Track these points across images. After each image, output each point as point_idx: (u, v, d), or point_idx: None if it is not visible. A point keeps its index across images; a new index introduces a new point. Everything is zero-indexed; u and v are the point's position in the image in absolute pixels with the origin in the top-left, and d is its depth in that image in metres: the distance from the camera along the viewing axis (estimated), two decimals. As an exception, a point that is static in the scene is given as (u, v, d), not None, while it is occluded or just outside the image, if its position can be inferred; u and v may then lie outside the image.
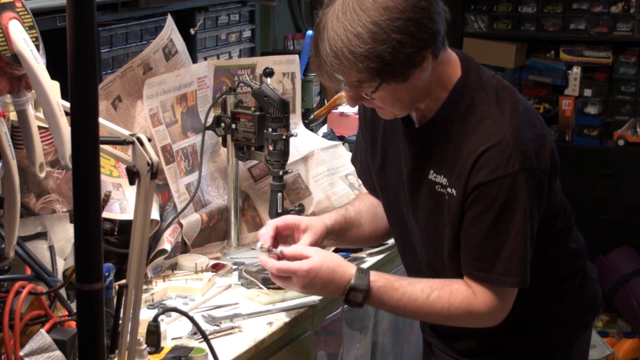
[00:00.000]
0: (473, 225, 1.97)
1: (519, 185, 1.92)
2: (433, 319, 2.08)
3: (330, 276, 2.04)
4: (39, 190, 2.14)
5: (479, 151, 1.93)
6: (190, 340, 2.09)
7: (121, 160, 1.60)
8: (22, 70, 1.51)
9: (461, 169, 1.96)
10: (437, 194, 2.02)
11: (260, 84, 2.60)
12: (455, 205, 1.98)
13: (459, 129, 1.98)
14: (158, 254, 2.42)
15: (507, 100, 1.99)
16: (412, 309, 2.04)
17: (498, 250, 1.96)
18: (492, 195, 1.93)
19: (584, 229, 2.26)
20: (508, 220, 1.94)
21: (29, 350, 1.69)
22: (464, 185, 1.96)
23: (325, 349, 2.61)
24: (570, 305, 2.18)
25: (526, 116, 1.99)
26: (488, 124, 1.95)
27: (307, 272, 2.04)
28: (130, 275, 1.58)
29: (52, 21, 2.32)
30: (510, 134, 1.93)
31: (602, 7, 4.65)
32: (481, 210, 1.95)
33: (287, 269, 2.05)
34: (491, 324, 2.04)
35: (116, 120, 2.50)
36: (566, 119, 4.74)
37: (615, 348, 4.43)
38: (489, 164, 1.92)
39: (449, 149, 1.99)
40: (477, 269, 1.99)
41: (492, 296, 1.99)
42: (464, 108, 1.99)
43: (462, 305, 2.00)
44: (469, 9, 4.87)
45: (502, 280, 1.98)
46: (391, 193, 2.18)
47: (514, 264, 1.95)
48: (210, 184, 2.77)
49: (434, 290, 2.02)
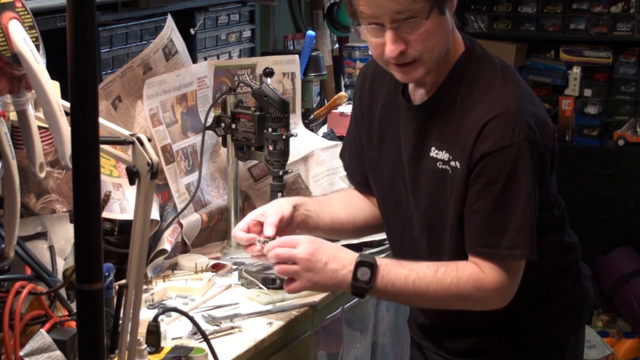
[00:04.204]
0: (479, 199, 1.94)
1: (524, 155, 1.91)
2: (442, 298, 2.00)
3: (335, 251, 2.01)
4: (39, 190, 2.14)
5: (484, 120, 1.92)
6: (190, 340, 2.09)
7: (121, 160, 1.60)
8: (22, 70, 1.51)
9: (465, 140, 1.94)
10: (439, 171, 2.00)
11: (260, 84, 2.61)
12: (459, 179, 1.96)
13: (462, 102, 1.98)
14: (158, 254, 2.42)
15: (510, 76, 2.01)
16: (420, 286, 1.98)
17: (505, 224, 1.93)
18: (498, 166, 1.92)
19: (584, 229, 2.26)
20: (515, 191, 1.92)
21: (29, 350, 1.69)
22: (468, 157, 1.94)
23: (325, 349, 2.61)
24: (566, 301, 2.17)
25: (528, 94, 2.01)
26: (492, 95, 1.95)
27: (313, 240, 2.00)
28: (130, 275, 1.58)
29: (52, 21, 2.32)
30: (515, 105, 1.93)
31: (602, 7, 4.65)
32: (487, 182, 1.93)
33: (292, 238, 2.02)
34: (501, 304, 1.99)
35: (116, 120, 2.50)
36: (566, 119, 4.74)
37: (615, 348, 4.43)
38: (494, 133, 1.92)
39: (451, 123, 1.98)
40: (483, 245, 1.96)
41: (500, 272, 1.96)
42: (467, 81, 1.99)
43: (470, 280, 1.96)
44: (469, 9, 4.87)
45: (511, 254, 1.95)
46: (387, 182, 2.16)
47: (523, 236, 1.93)
48: (210, 184, 2.77)
49: (440, 267, 1.98)
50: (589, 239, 2.24)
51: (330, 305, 2.50)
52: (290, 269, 2.01)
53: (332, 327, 2.61)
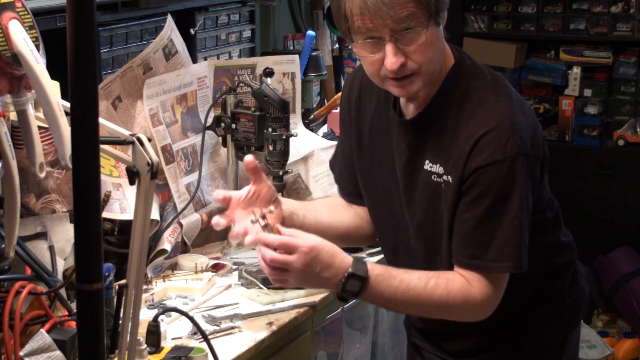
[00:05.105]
0: (468, 210, 1.95)
1: (516, 168, 1.91)
2: (430, 309, 2.02)
3: (330, 259, 1.95)
4: (39, 190, 2.14)
5: (477, 135, 1.93)
6: (190, 340, 2.09)
7: (121, 160, 1.60)
8: (22, 70, 1.51)
9: (459, 154, 1.95)
10: (434, 184, 2.00)
11: (260, 84, 2.61)
12: (452, 192, 1.96)
13: (454, 116, 1.98)
14: (158, 254, 2.42)
15: (501, 87, 2.01)
16: (409, 298, 1.97)
17: (491, 236, 1.94)
18: (490, 179, 1.92)
19: (584, 229, 2.26)
20: (504, 204, 1.93)
21: (29, 350, 1.69)
22: (461, 170, 1.94)
23: (325, 349, 2.61)
24: (564, 299, 2.18)
25: (519, 104, 2.01)
26: (485, 109, 1.95)
27: (310, 249, 1.93)
28: (130, 275, 1.58)
29: (52, 21, 2.32)
30: (507, 119, 1.93)
31: (602, 7, 4.65)
32: (477, 194, 1.93)
33: (290, 242, 1.93)
34: (484, 315, 2.01)
35: (116, 120, 2.50)
36: (566, 119, 4.74)
37: (615, 348, 4.42)
38: (487, 147, 1.92)
39: (445, 136, 1.98)
40: (469, 256, 1.97)
41: (486, 284, 1.97)
42: (459, 94, 1.99)
43: (459, 293, 1.97)
44: (469, 9, 4.87)
45: (496, 266, 1.95)
46: (380, 192, 2.15)
47: (509, 249, 1.94)
48: (210, 184, 2.77)
49: (430, 279, 1.98)
50: (588, 239, 2.24)
51: (330, 305, 2.50)
52: (281, 277, 1.96)
53: (332, 327, 2.61)
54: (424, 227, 2.06)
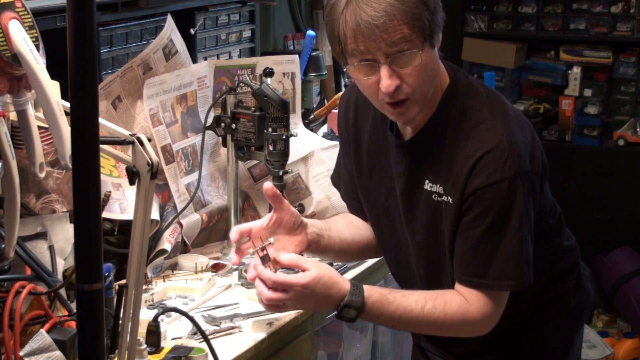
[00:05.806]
0: (468, 230, 1.96)
1: (515, 188, 1.92)
2: (428, 330, 2.06)
3: (326, 291, 1.97)
4: (39, 190, 2.14)
5: (476, 157, 1.93)
6: (190, 340, 2.09)
7: (121, 160, 1.60)
8: (22, 70, 1.51)
9: (458, 175, 1.95)
10: (435, 203, 2.01)
11: (260, 84, 2.60)
12: (452, 212, 1.97)
13: (452, 136, 1.98)
14: (158, 254, 2.42)
15: (497, 105, 2.00)
16: (407, 321, 2.01)
17: (492, 255, 1.95)
18: (489, 200, 1.93)
19: (584, 229, 2.27)
20: (503, 225, 1.93)
21: (29, 350, 1.69)
22: (461, 191, 1.95)
23: (325, 349, 2.61)
24: (569, 301, 2.19)
25: (516, 120, 2.00)
26: (482, 129, 1.95)
27: (305, 286, 1.95)
28: (130, 275, 1.58)
29: (52, 21, 2.32)
30: (505, 138, 1.93)
31: (602, 7, 4.65)
32: (477, 214, 1.94)
33: (284, 282, 1.95)
34: (484, 332, 2.02)
35: (116, 120, 2.50)
36: (566, 119, 4.74)
37: (615, 348, 4.43)
38: (486, 168, 1.92)
39: (443, 157, 1.98)
40: (469, 274, 1.97)
41: (486, 302, 1.98)
42: (455, 114, 1.98)
43: (457, 314, 1.98)
44: (469, 9, 4.87)
45: (496, 284, 1.97)
46: (381, 210, 2.15)
47: (509, 267, 1.95)
48: (210, 184, 2.77)
49: (428, 301, 1.99)
50: (589, 239, 2.24)
51: (330, 305, 2.50)
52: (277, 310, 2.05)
53: (332, 327, 2.61)
54: (425, 245, 2.07)
